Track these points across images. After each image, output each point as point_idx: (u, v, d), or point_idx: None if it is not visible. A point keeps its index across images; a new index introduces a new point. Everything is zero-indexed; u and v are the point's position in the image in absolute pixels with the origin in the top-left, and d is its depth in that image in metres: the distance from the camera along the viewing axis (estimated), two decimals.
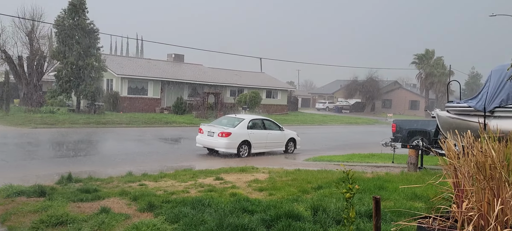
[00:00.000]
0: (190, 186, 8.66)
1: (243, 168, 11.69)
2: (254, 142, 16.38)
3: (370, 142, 25.79)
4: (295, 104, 53.92)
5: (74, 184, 9.20)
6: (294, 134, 18.29)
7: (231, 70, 47.56)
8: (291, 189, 7.68)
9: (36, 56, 31.62)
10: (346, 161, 14.08)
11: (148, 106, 36.11)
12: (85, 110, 29.35)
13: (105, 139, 20.91)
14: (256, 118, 17.38)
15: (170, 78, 37.77)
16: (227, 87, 41.63)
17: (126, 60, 41.17)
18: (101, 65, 28.03)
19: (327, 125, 38.34)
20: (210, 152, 16.77)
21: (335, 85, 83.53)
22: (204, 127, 16.58)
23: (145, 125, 27.48)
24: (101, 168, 12.76)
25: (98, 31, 28.47)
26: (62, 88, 28.20)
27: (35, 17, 31.32)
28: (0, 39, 31.29)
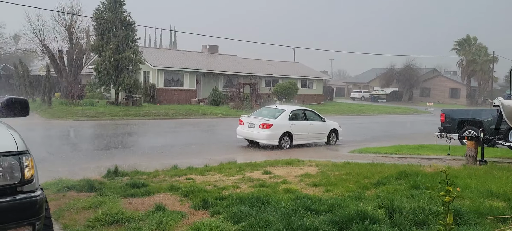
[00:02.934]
0: (239, 181, 8.35)
1: (289, 161, 11.30)
2: (296, 133, 15.95)
3: (413, 132, 24.85)
4: (330, 94, 52.98)
5: (121, 177, 9.08)
6: (336, 125, 17.73)
7: (266, 60, 47.09)
8: (348, 185, 7.22)
9: (75, 50, 32.21)
10: (394, 153, 13.43)
11: (184, 97, 36.24)
12: (123, 102, 29.70)
13: (145, 131, 21.00)
14: (297, 109, 16.93)
15: (205, 70, 37.73)
16: (262, 78, 41.23)
17: (162, 52, 41.45)
18: (139, 57, 28.20)
19: (365, 115, 37.36)
20: (250, 143, 16.49)
21: (370, 74, 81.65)
22: (244, 119, 16.28)
23: (182, 117, 27.52)
24: (144, 160, 12.68)
25: (135, 23, 28.64)
26: (101, 81, 28.60)
27: (74, 11, 31.88)
28: (41, 33, 32.07)
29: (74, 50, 32.04)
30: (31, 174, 2.85)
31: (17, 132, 3.02)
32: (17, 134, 2.98)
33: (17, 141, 2.85)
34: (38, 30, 31.81)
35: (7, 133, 2.95)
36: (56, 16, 32.10)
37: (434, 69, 75.69)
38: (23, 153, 2.82)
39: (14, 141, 2.82)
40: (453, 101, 64.76)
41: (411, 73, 65.44)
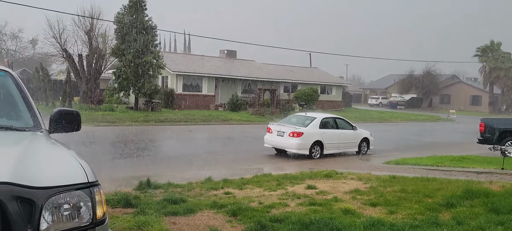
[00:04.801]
0: (283, 197, 7.71)
1: (328, 173, 10.63)
2: (327, 142, 15.27)
3: (443, 141, 23.95)
4: (348, 100, 52.07)
5: (154, 190, 8.52)
6: (367, 134, 17.02)
7: (284, 65, 46.44)
8: (412, 205, 6.52)
9: (95, 54, 31.99)
10: (436, 166, 12.64)
11: (202, 103, 35.76)
12: (143, 107, 29.31)
13: (167, 137, 20.52)
14: (328, 116, 16.27)
15: (224, 75, 37.22)
16: (280, 83, 40.57)
17: (181, 57, 41.10)
18: (159, 62, 27.79)
19: (387, 122, 36.42)
20: (278, 152, 15.85)
21: (388, 80, 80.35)
22: (273, 126, 15.65)
23: (203, 123, 27.00)
24: (172, 170, 12.15)
25: (156, 28, 28.27)
26: (121, 86, 28.24)
27: (94, 15, 31.67)
28: (61, 38, 31.92)
29: (94, 54, 31.82)
30: (103, 212, 2.24)
31: (81, 157, 2.41)
32: (82, 159, 2.36)
33: (86, 168, 2.24)
34: (58, 35, 31.68)
35: (71, 158, 2.34)
36: (76, 20, 31.93)
37: (454, 75, 74.15)
38: (93, 184, 2.22)
39: (82, 169, 2.22)
40: (474, 109, 63.25)
41: (430, 79, 64.10)
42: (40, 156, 2.29)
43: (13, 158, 2.13)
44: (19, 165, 2.05)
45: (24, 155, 2.20)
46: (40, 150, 2.44)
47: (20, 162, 2.09)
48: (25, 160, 2.13)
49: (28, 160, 2.14)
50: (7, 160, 2.11)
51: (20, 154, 2.21)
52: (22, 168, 2.03)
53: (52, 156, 2.41)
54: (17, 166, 2.03)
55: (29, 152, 2.27)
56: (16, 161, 2.09)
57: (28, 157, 2.19)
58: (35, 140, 2.69)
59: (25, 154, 2.22)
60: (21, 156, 2.18)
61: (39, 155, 2.31)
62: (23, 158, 2.16)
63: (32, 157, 2.21)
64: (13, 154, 2.20)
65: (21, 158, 2.14)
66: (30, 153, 2.27)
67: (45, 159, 2.27)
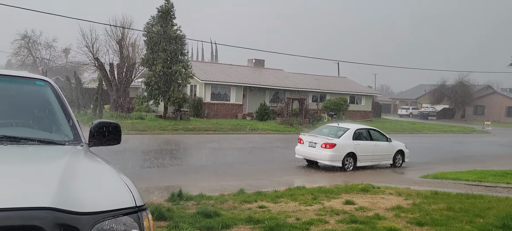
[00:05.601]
0: (321, 212, 7.36)
1: (364, 187, 10.21)
2: (360, 154, 14.80)
3: (481, 154, 22.99)
4: (378, 111, 51.01)
5: (186, 202, 8.33)
6: (402, 146, 16.44)
7: (312, 75, 45.98)
8: (463, 226, 6.07)
9: (125, 63, 32.47)
10: (478, 181, 12.00)
11: (230, 112, 35.70)
12: (171, 116, 29.44)
13: (196, 146, 20.43)
14: (361, 128, 15.80)
15: (252, 84, 37.09)
16: (309, 93, 40.12)
17: (209, 66, 41.28)
18: (188, 71, 27.89)
19: (420, 134, 35.38)
20: (309, 163, 15.48)
21: (418, 90, 78.58)
22: (304, 137, 15.30)
23: (231, 132, 26.86)
24: (203, 180, 11.99)
25: (185, 37, 28.43)
26: (151, 95, 28.47)
27: (125, 24, 32.21)
28: (93, 47, 32.56)
29: (124, 63, 32.30)
30: None
31: (126, 177, 2.17)
32: (129, 180, 2.13)
33: (133, 191, 2.00)
34: (91, 44, 32.34)
35: (117, 178, 2.11)
36: (108, 30, 32.56)
37: (488, 86, 71.79)
38: (141, 209, 1.98)
39: (129, 191, 1.98)
40: (510, 120, 60.94)
41: (463, 90, 62.19)
42: (83, 176, 2.07)
43: (55, 178, 1.92)
44: (62, 187, 1.83)
45: (67, 175, 1.98)
46: (82, 169, 2.23)
47: (63, 183, 1.87)
48: (68, 181, 1.91)
49: (71, 181, 1.93)
50: (48, 181, 1.90)
51: (62, 173, 2.00)
52: (65, 190, 1.81)
53: (96, 175, 2.19)
54: (60, 188, 1.81)
55: (71, 171, 2.06)
56: (59, 182, 1.87)
57: (70, 177, 1.98)
58: (77, 156, 2.49)
59: (67, 173, 2.01)
60: (64, 176, 1.97)
61: (82, 175, 2.09)
62: (65, 178, 1.94)
63: (75, 177, 1.99)
64: (55, 174, 1.99)
65: (64, 179, 1.93)
66: (73, 173, 2.05)
67: (89, 180, 2.04)
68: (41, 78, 3.16)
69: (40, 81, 3.12)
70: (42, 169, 2.16)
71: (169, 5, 27.63)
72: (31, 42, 59.58)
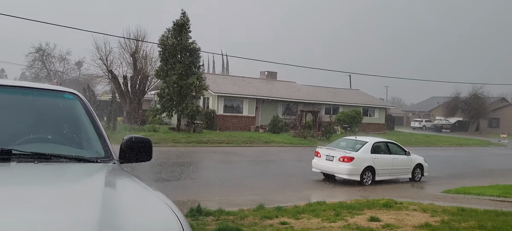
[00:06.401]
0: (345, 229, 7.11)
1: (386, 203, 9.91)
2: (379, 168, 14.50)
3: (501, 167, 22.48)
4: (391, 123, 50.44)
5: (205, 217, 8.13)
6: (421, 159, 16.10)
7: (325, 87, 45.74)
8: None
9: (139, 76, 32.61)
10: (503, 196, 11.65)
11: (243, 124, 35.54)
12: (185, 128, 29.38)
13: (210, 159, 20.28)
14: (379, 141, 15.52)
15: (265, 96, 36.97)
16: (322, 105, 39.85)
17: (222, 78, 41.29)
18: (202, 84, 27.87)
19: (435, 147, 34.82)
20: (326, 177, 15.19)
21: (431, 103, 77.75)
22: (321, 150, 15.05)
23: (244, 144, 26.67)
24: (220, 194, 11.80)
25: (200, 50, 28.47)
26: (164, 107, 28.46)
27: (139, 37, 32.40)
28: (107, 60, 32.79)
29: (138, 75, 32.44)
30: None
31: (171, 201, 1.98)
32: (174, 205, 1.93)
33: (179, 216, 1.80)
34: (105, 56, 32.56)
35: (160, 202, 1.92)
36: (122, 43, 32.79)
37: (502, 98, 70.79)
38: None
39: (175, 217, 1.78)
40: None
41: (478, 102, 61.32)
42: (124, 199, 1.89)
43: (97, 204, 1.74)
44: (104, 213, 1.65)
45: (108, 200, 1.80)
46: (123, 192, 2.04)
47: (105, 209, 1.69)
48: (109, 207, 1.72)
49: (113, 206, 1.74)
50: (90, 207, 1.72)
51: (103, 198, 1.82)
52: (109, 218, 1.62)
53: (137, 198, 2.00)
54: (103, 215, 1.63)
55: (111, 195, 1.89)
56: (101, 208, 1.69)
57: (112, 202, 1.79)
58: (114, 177, 2.31)
59: (108, 198, 1.83)
60: (105, 201, 1.78)
61: (123, 198, 1.91)
62: (107, 203, 1.76)
63: (117, 203, 1.80)
64: (95, 198, 1.82)
65: (105, 204, 1.74)
66: (113, 197, 1.87)
67: (130, 204, 1.85)
68: (70, 91, 3.01)
69: (69, 94, 2.97)
70: (81, 192, 1.99)
71: (185, 19, 27.75)
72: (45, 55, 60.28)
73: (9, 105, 2.77)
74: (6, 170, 2.21)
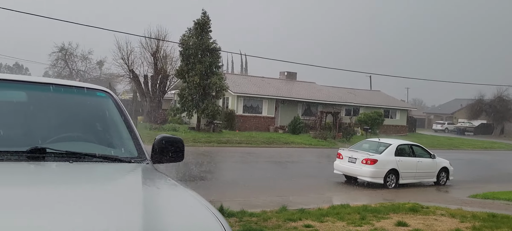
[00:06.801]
0: None
1: (412, 207, 9.66)
2: (403, 171, 14.21)
3: None
4: (413, 125, 49.58)
5: (228, 218, 8.02)
6: (447, 163, 15.71)
7: (345, 88, 45.28)
8: None
9: (159, 75, 32.84)
10: None
11: (262, 125, 35.44)
12: (204, 128, 29.42)
13: (231, 159, 20.24)
14: (404, 143, 15.21)
15: (284, 97, 36.79)
16: (342, 106, 39.43)
17: (241, 78, 41.27)
18: (223, 84, 27.86)
19: (458, 150, 34.04)
20: (347, 179, 14.97)
21: (454, 105, 76.19)
22: (343, 152, 14.83)
23: (264, 145, 26.56)
24: (241, 194, 11.72)
25: (220, 49, 28.47)
26: (184, 107, 28.55)
27: (160, 37, 32.63)
28: (129, 59, 33.12)
29: (158, 75, 32.66)
30: None
31: (212, 206, 1.88)
32: (216, 211, 1.84)
33: (222, 221, 1.71)
34: (126, 56, 32.90)
35: (200, 205, 1.83)
36: (143, 42, 33.08)
37: None
38: None
39: (218, 222, 1.69)
40: None
41: (503, 105, 59.78)
42: (164, 202, 1.80)
43: (138, 207, 1.66)
44: (147, 217, 1.56)
45: (148, 201, 1.72)
46: (161, 193, 1.96)
47: (147, 212, 1.60)
48: (151, 209, 1.64)
49: (154, 209, 1.66)
50: (132, 210, 1.63)
51: (143, 199, 1.73)
52: (151, 221, 1.54)
53: (178, 201, 1.91)
54: (145, 219, 1.54)
55: (150, 196, 1.80)
56: (143, 212, 1.60)
57: (152, 203, 1.71)
58: (149, 177, 2.23)
59: (148, 199, 1.75)
60: (146, 202, 1.70)
61: (163, 201, 1.82)
62: (148, 206, 1.67)
63: (157, 204, 1.72)
64: (136, 201, 1.73)
65: (147, 206, 1.66)
66: (153, 198, 1.79)
67: (172, 207, 1.77)
68: (102, 89, 2.95)
69: (101, 92, 2.91)
70: (121, 194, 1.90)
71: (206, 18, 27.79)
72: (68, 54, 61.33)
73: (41, 103, 2.72)
74: (42, 169, 2.15)
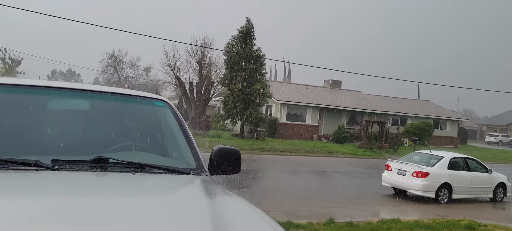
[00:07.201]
0: None
1: (469, 224, 9.15)
2: (456, 186, 13.54)
3: None
4: (464, 137, 47.36)
5: None
6: (504, 178, 14.85)
7: (392, 97, 44.05)
8: None
9: (204, 82, 33.33)
10: None
11: (305, 133, 35.05)
12: (248, 136, 29.49)
13: (274, 167, 20.10)
14: (457, 156, 14.51)
15: (329, 105, 36.26)
16: (388, 116, 38.32)
17: (285, 86, 41.13)
18: (266, 91, 27.86)
19: None
20: (396, 192, 14.44)
21: (509, 116, 72.32)
22: (392, 164, 14.34)
23: (308, 154, 26.23)
24: (286, 204, 11.59)
25: (264, 57, 28.52)
26: (228, 114, 28.78)
27: (206, 45, 33.15)
28: (175, 66, 33.86)
29: (203, 82, 33.15)
30: None
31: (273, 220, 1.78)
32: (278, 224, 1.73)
33: None
34: (173, 63, 33.66)
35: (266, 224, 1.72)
36: (189, 50, 33.73)
37: None
38: None
39: None
40: None
41: None
42: (231, 218, 1.70)
43: (208, 223, 1.57)
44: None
45: (216, 217, 1.63)
46: (227, 208, 1.86)
47: (217, 226, 1.52)
48: (220, 225, 1.55)
49: (224, 225, 1.56)
50: (203, 223, 1.56)
51: (211, 215, 1.65)
52: None
53: (243, 217, 1.81)
54: None
55: (218, 212, 1.70)
56: (213, 226, 1.52)
57: (221, 220, 1.62)
58: (212, 190, 2.15)
59: (216, 215, 1.66)
60: (214, 219, 1.61)
61: (230, 217, 1.72)
62: (216, 222, 1.58)
63: (225, 221, 1.62)
64: (205, 217, 1.65)
65: (215, 223, 1.57)
66: (220, 214, 1.69)
67: (239, 223, 1.67)
68: (160, 99, 2.92)
69: (159, 101, 2.87)
70: (189, 209, 1.83)
71: (250, 26, 27.99)
72: (117, 61, 63.67)
73: (101, 111, 2.71)
74: (106, 180, 2.11)
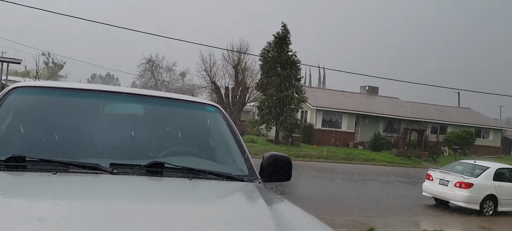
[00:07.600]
0: None
1: None
2: (502, 198, 12.97)
3: None
4: (508, 147, 45.31)
5: None
6: None
7: (431, 104, 42.79)
8: None
9: (239, 87, 33.53)
10: None
11: (341, 140, 34.55)
12: (282, 141, 29.37)
13: (310, 174, 19.91)
14: (503, 167, 13.94)
15: (365, 112, 35.62)
16: (428, 123, 37.21)
17: (320, 91, 40.76)
18: (301, 97, 27.70)
19: None
20: (437, 203, 13.99)
21: None
22: (433, 174, 13.91)
23: (343, 161, 25.85)
24: (324, 211, 11.34)
25: (299, 62, 28.40)
26: (263, 119, 28.79)
27: (242, 50, 33.37)
28: (211, 71, 34.26)
29: (239, 87, 33.35)
30: None
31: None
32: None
33: None
34: (209, 68, 34.07)
35: None
36: (225, 55, 34.06)
37: None
38: None
39: None
40: None
41: None
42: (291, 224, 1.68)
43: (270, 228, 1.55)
44: None
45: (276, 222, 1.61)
46: (287, 217, 1.83)
47: None
48: None
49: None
50: None
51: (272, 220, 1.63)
52: None
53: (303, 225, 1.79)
54: None
55: (279, 222, 1.67)
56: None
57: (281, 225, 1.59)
58: (269, 198, 2.12)
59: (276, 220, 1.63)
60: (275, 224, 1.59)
61: (291, 226, 1.69)
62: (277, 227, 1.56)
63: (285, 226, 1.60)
64: (265, 222, 1.63)
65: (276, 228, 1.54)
66: (282, 223, 1.66)
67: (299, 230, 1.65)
68: (212, 104, 2.92)
69: (211, 107, 2.87)
70: (250, 215, 1.81)
71: (286, 31, 27.97)
72: (154, 66, 65.11)
73: (154, 116, 2.73)
74: (165, 185, 2.12)
